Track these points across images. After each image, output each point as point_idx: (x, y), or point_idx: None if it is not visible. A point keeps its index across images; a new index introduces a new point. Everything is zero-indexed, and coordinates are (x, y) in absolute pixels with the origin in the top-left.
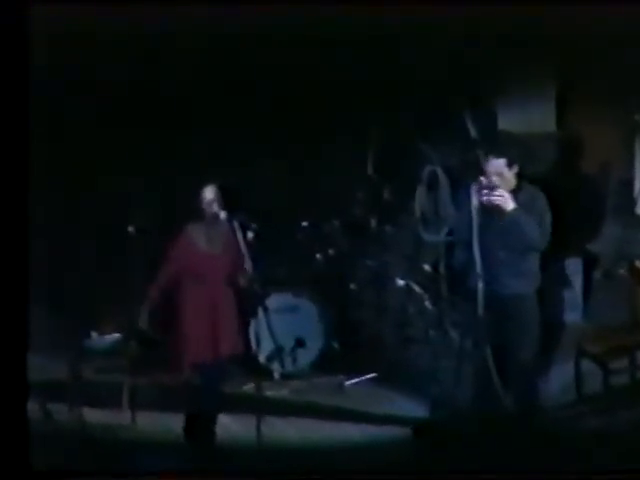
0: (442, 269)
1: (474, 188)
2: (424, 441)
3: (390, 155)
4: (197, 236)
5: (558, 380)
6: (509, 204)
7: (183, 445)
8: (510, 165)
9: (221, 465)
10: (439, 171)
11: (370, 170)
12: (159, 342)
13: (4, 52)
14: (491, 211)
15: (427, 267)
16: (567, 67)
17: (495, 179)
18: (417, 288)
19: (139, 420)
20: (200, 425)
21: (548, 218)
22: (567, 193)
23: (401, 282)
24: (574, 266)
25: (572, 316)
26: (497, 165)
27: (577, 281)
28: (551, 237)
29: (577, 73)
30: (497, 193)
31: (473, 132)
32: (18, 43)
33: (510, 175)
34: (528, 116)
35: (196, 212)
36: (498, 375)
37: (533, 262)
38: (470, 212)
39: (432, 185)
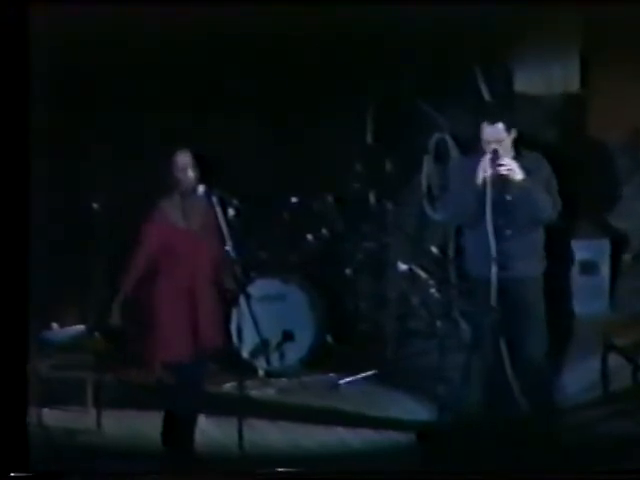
0: (451, 252)
1: (484, 158)
2: (430, 447)
3: (392, 121)
4: (172, 211)
5: (583, 376)
6: (518, 174)
7: (158, 450)
8: (508, 130)
9: (199, 472)
10: (448, 139)
11: (369, 138)
12: (129, 334)
13: (4, 52)
14: (497, 183)
15: (434, 249)
16: (593, 23)
17: (497, 147)
18: (422, 273)
19: (105, 422)
20: (177, 428)
21: (554, 184)
22: (592, 164)
23: (404, 267)
24: (600, 248)
25: (598, 305)
26: (496, 132)
27: (604, 265)
28: (562, 206)
29: (605, 29)
30: (504, 162)
31: (486, 94)
32: (18, 43)
33: (509, 141)
34: (549, 76)
35: (169, 181)
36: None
37: (539, 241)
38: (480, 185)
39: (440, 155)
